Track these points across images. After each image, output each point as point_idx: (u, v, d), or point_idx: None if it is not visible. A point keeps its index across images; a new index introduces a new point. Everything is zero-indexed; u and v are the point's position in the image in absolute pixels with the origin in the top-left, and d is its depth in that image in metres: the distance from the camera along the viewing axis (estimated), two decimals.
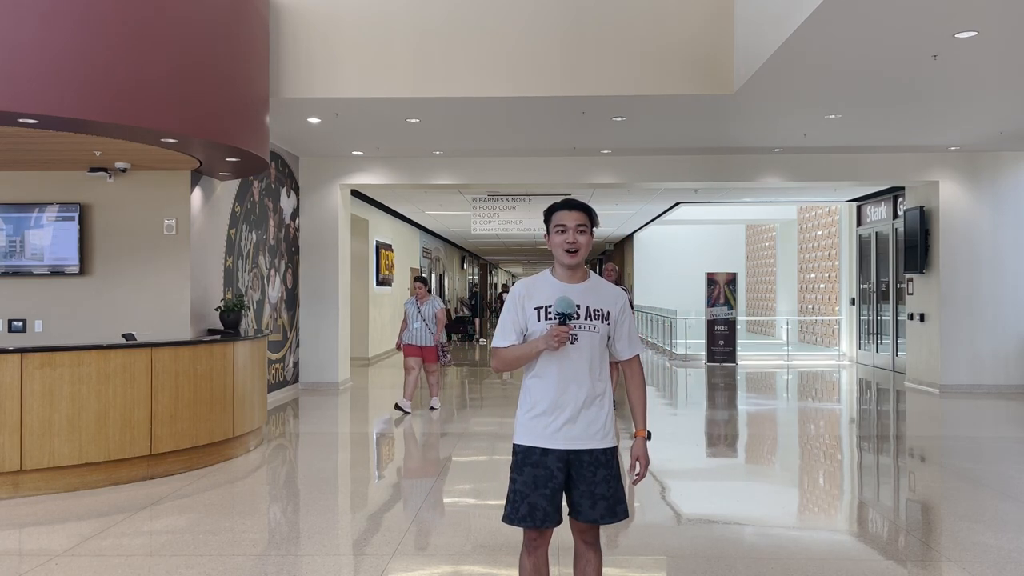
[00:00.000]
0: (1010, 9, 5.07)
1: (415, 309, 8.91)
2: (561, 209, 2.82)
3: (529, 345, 2.74)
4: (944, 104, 7.73)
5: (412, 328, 8.89)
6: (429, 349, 8.91)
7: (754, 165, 10.76)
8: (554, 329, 2.66)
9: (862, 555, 4.30)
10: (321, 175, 10.86)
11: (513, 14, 7.29)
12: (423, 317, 8.86)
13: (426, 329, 8.85)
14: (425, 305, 8.90)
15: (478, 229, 13.54)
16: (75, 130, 5.69)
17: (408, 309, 8.98)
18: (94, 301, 7.34)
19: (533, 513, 2.71)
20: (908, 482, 6.17)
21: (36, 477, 5.39)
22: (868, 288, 14.55)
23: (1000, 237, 10.74)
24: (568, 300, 2.70)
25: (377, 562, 4.08)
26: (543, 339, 2.69)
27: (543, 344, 2.69)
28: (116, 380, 5.66)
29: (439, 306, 8.95)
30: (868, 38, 5.66)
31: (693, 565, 4.05)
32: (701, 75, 7.21)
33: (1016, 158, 10.73)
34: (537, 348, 2.72)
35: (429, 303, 8.90)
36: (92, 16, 5.27)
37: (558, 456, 2.73)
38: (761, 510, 5.26)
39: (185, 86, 5.83)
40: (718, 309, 15.13)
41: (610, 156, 10.69)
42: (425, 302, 8.89)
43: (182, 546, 4.35)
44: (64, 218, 7.24)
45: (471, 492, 5.63)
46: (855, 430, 8.43)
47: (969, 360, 10.69)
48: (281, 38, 7.33)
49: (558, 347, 2.69)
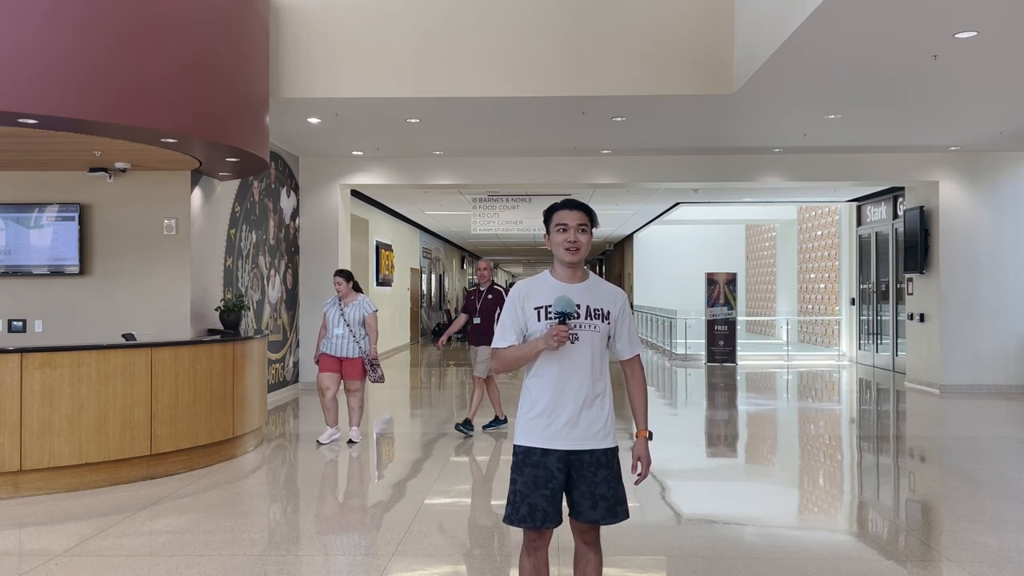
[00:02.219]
0: (1010, 9, 5.07)
1: (336, 312, 7.09)
2: (562, 208, 2.83)
3: (529, 345, 2.74)
4: (944, 104, 7.73)
5: (332, 335, 7.06)
6: (352, 362, 7.03)
7: (754, 165, 10.76)
8: (554, 329, 2.66)
9: (862, 555, 4.30)
10: (321, 175, 10.86)
11: (513, 14, 7.29)
12: (347, 322, 7.05)
13: (350, 337, 7.03)
14: (351, 307, 7.08)
15: (478, 229, 13.54)
16: (75, 130, 5.69)
17: (328, 312, 7.13)
18: (94, 301, 7.34)
19: (533, 514, 2.71)
20: (908, 482, 6.17)
21: (36, 477, 5.39)
22: (868, 288, 14.55)
23: (1000, 237, 10.74)
24: (568, 300, 2.69)
25: (377, 562, 4.08)
26: (543, 339, 2.69)
27: (543, 344, 2.69)
28: (116, 380, 5.66)
29: (369, 309, 7.11)
30: (868, 38, 5.66)
31: (693, 565, 4.05)
32: (701, 75, 7.21)
33: (1016, 158, 10.73)
34: (537, 348, 2.71)
35: (356, 304, 7.08)
36: (92, 16, 5.27)
37: (558, 457, 2.73)
38: (761, 510, 5.26)
39: (185, 86, 5.83)
40: (718, 309, 15.13)
41: (610, 156, 10.69)
42: (350, 303, 7.10)
43: (182, 546, 4.35)
44: (64, 218, 7.24)
45: (471, 492, 5.63)
46: (855, 430, 8.43)
47: (969, 360, 10.69)
48: (281, 38, 7.33)
49: (558, 347, 2.68)
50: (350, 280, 7.16)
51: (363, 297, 7.17)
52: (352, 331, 7.00)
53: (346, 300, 7.09)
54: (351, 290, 7.13)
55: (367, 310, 7.10)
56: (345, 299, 7.09)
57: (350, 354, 7.03)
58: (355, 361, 7.04)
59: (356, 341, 7.00)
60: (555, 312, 2.68)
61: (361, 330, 7.04)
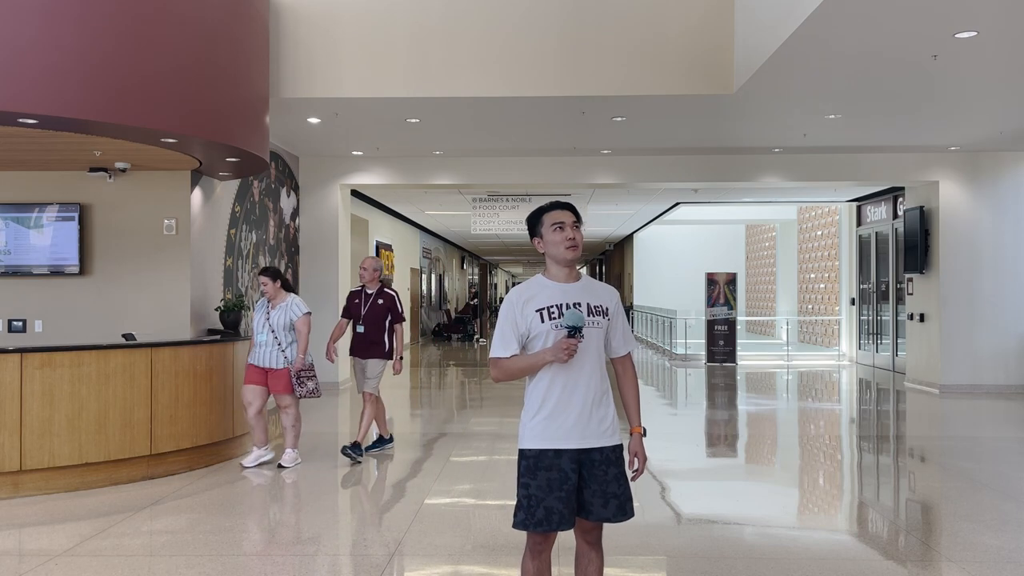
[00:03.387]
0: (1010, 9, 5.07)
1: (262, 315, 6.18)
2: (554, 209, 2.83)
3: (535, 356, 2.71)
4: (944, 104, 7.73)
5: (256, 343, 6.17)
6: (277, 375, 6.11)
7: (754, 165, 10.76)
8: (564, 342, 2.64)
9: (862, 555, 4.30)
10: (321, 175, 10.86)
11: (513, 14, 7.29)
12: (272, 326, 6.13)
13: (274, 344, 6.10)
14: (277, 309, 6.16)
15: (478, 229, 13.54)
16: (75, 130, 5.69)
17: (255, 315, 6.27)
18: (94, 301, 7.34)
19: (550, 517, 2.68)
20: (908, 482, 6.17)
21: (36, 477, 5.39)
22: (868, 288, 14.55)
23: (1000, 237, 10.74)
24: (579, 314, 2.68)
25: (377, 562, 4.08)
26: (551, 351, 2.66)
27: (551, 356, 2.67)
28: (116, 380, 5.66)
29: (298, 311, 6.17)
30: (868, 38, 5.66)
31: (693, 565, 4.05)
32: (701, 75, 7.21)
33: (1016, 158, 10.73)
34: (544, 360, 2.69)
35: (284, 306, 6.17)
36: (92, 16, 5.27)
37: (571, 457, 2.71)
38: (761, 510, 5.26)
39: (185, 86, 5.83)
40: (718, 309, 15.13)
41: (610, 156, 10.69)
42: (278, 304, 6.20)
43: (182, 546, 4.35)
44: (64, 218, 7.24)
45: (471, 492, 5.63)
46: (855, 430, 8.43)
47: (969, 360, 10.68)
48: (281, 38, 7.33)
49: (567, 359, 2.67)
50: (277, 279, 6.22)
51: (293, 298, 6.24)
52: (277, 338, 6.10)
53: (274, 302, 6.20)
54: (279, 290, 6.22)
55: (295, 313, 6.15)
56: (273, 300, 6.21)
57: (274, 364, 6.09)
58: (280, 373, 6.10)
59: (281, 349, 6.09)
60: (565, 325, 2.66)
61: (288, 336, 6.14)
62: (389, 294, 6.60)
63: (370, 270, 6.58)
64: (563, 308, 2.72)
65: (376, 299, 6.55)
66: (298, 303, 6.23)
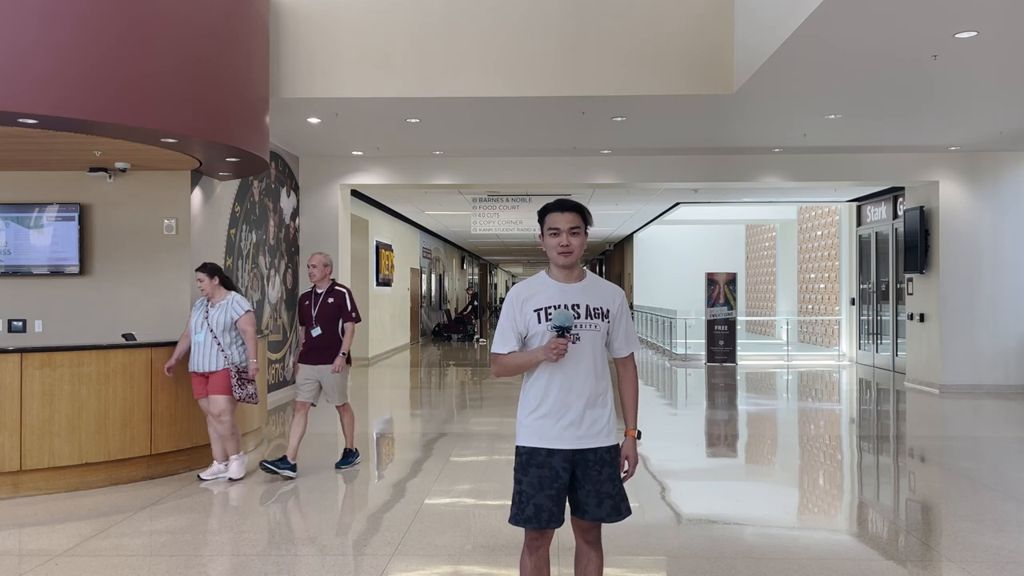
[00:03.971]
0: (1010, 9, 5.07)
1: (201, 315, 5.83)
2: (554, 211, 2.81)
3: (529, 354, 2.75)
4: (944, 104, 7.73)
5: (195, 343, 5.80)
6: (217, 376, 5.73)
7: (754, 165, 10.76)
8: (552, 342, 2.66)
9: (862, 555, 4.30)
10: (321, 175, 10.86)
11: (513, 14, 7.29)
12: (210, 326, 5.77)
13: (213, 345, 5.74)
14: (217, 308, 5.81)
15: (478, 229, 13.54)
16: (75, 130, 5.69)
17: (193, 314, 5.91)
18: (94, 301, 7.34)
19: (539, 514, 2.71)
20: (908, 482, 6.17)
21: (36, 477, 5.39)
22: (868, 288, 14.55)
23: (1000, 237, 10.74)
24: (567, 314, 2.69)
25: (377, 562, 4.08)
26: (542, 350, 2.70)
27: (542, 355, 2.70)
28: (116, 380, 5.66)
29: (240, 309, 5.81)
30: (868, 38, 5.66)
31: (693, 565, 4.05)
32: (701, 75, 7.21)
33: (1016, 158, 10.73)
34: (536, 358, 2.73)
35: (224, 304, 5.82)
36: (92, 16, 5.27)
37: (563, 456, 2.73)
38: (761, 510, 5.26)
39: (185, 86, 5.83)
40: (718, 309, 15.13)
41: (610, 156, 10.69)
42: (218, 303, 5.84)
43: (182, 546, 4.35)
44: (64, 218, 7.24)
45: (471, 492, 5.63)
46: (855, 430, 8.43)
47: (969, 360, 10.68)
48: (281, 38, 7.33)
49: (557, 359, 2.69)
50: (214, 275, 5.85)
51: (233, 295, 5.89)
52: (217, 338, 5.75)
53: (213, 300, 5.84)
54: (218, 287, 5.86)
55: (236, 311, 5.79)
56: (213, 299, 5.85)
57: (212, 367, 5.73)
58: (220, 374, 5.72)
59: (221, 349, 5.74)
60: (553, 326, 2.68)
61: (228, 336, 5.77)
62: (339, 291, 6.07)
63: (320, 267, 6.06)
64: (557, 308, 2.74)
65: (327, 298, 6.02)
66: (239, 301, 5.86)
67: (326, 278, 6.08)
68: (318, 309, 6.01)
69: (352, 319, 6.05)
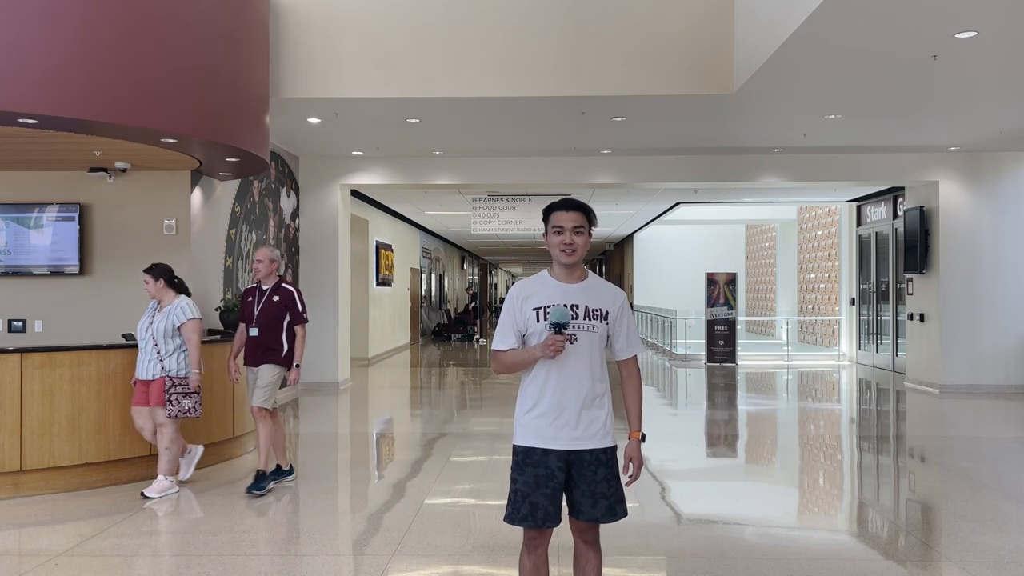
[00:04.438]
0: (1010, 9, 5.07)
1: (147, 319, 5.48)
2: (559, 210, 2.82)
3: (527, 352, 2.76)
4: (944, 104, 7.73)
5: (141, 350, 5.46)
6: (154, 386, 5.38)
7: (754, 165, 10.76)
8: (549, 339, 2.67)
9: (862, 555, 4.30)
10: (321, 175, 10.86)
11: (513, 14, 7.29)
12: (154, 333, 5.40)
13: (153, 352, 5.38)
14: (162, 313, 5.44)
15: (478, 229, 13.54)
16: (75, 130, 5.69)
17: (142, 319, 5.53)
18: (94, 301, 7.34)
19: (534, 513, 2.72)
20: (908, 482, 6.17)
21: (36, 477, 5.39)
22: (868, 288, 14.55)
23: (1000, 237, 10.74)
24: (563, 311, 2.70)
25: (377, 562, 4.08)
26: (539, 347, 2.70)
27: (539, 352, 2.71)
28: (116, 380, 5.66)
29: (184, 315, 5.43)
30: (868, 38, 5.66)
31: (693, 565, 4.05)
32: (701, 75, 7.21)
33: (1016, 158, 10.73)
34: (534, 356, 2.74)
35: (169, 310, 5.44)
36: (92, 16, 5.27)
37: (558, 456, 2.74)
38: (761, 510, 5.26)
39: (185, 86, 5.83)
40: (718, 309, 15.13)
41: (610, 156, 10.69)
42: (165, 307, 5.47)
43: (182, 546, 4.35)
44: (64, 218, 7.24)
45: (471, 492, 5.63)
46: (855, 430, 8.43)
47: (969, 360, 10.68)
48: (281, 38, 7.33)
49: (554, 356, 2.69)
50: (159, 278, 5.49)
51: (180, 300, 5.51)
52: (157, 345, 5.37)
53: (161, 304, 5.49)
54: (164, 290, 5.50)
55: (178, 318, 5.39)
56: (161, 303, 5.50)
57: (150, 375, 5.38)
58: (156, 384, 5.36)
59: (160, 359, 5.36)
60: (550, 323, 2.69)
61: (171, 343, 5.40)
62: (287, 290, 5.56)
63: (266, 262, 5.57)
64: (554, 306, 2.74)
65: (271, 296, 5.50)
66: (184, 306, 5.45)
67: (272, 274, 5.60)
68: (260, 307, 5.50)
69: (303, 321, 5.58)
